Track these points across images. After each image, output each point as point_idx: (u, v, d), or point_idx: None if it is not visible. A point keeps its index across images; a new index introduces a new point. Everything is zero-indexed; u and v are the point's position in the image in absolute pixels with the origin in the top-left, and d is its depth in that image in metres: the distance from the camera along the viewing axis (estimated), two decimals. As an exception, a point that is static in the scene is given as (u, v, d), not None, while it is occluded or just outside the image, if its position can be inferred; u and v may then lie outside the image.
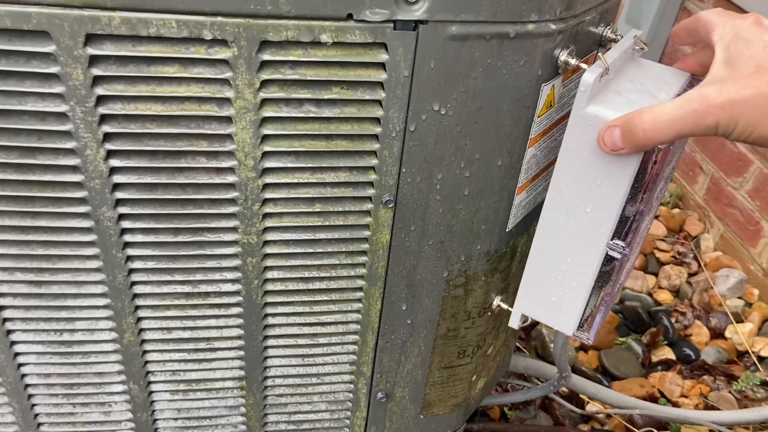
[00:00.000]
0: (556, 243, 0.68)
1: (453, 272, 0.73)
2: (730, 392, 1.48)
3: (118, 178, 0.58)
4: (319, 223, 0.65)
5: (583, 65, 0.61)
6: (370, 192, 0.64)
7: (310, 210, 0.64)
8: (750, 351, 1.58)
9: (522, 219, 0.75)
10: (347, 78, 0.56)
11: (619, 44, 0.65)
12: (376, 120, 0.59)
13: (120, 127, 0.55)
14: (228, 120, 0.56)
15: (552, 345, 1.54)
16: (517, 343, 1.57)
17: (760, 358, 1.57)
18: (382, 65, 0.56)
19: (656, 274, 1.83)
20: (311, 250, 0.66)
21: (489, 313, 0.80)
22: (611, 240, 0.65)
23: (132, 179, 0.58)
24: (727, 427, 1.28)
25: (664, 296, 1.76)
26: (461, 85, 0.59)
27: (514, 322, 0.76)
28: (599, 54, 0.60)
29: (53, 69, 0.51)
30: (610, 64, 0.61)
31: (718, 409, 1.43)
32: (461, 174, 0.65)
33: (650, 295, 1.77)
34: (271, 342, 0.73)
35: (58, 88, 0.52)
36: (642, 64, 0.69)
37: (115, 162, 0.57)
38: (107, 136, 0.55)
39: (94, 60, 0.51)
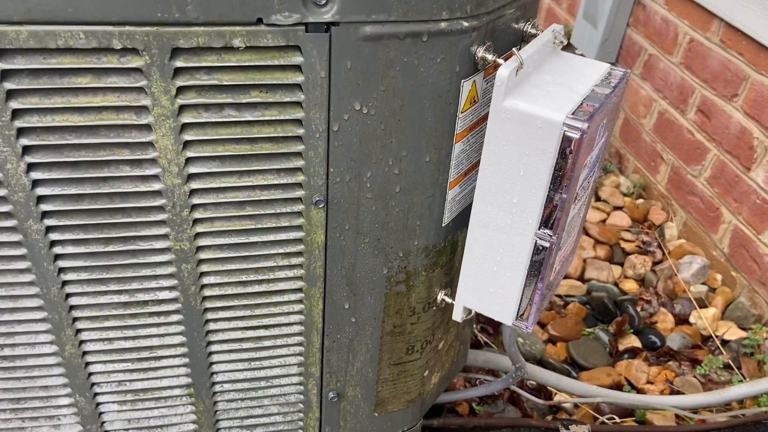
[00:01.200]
0: (488, 235, 0.70)
1: (393, 269, 0.74)
2: (694, 377, 1.51)
3: (41, 191, 0.58)
4: (252, 226, 0.65)
5: (500, 61, 0.63)
6: (300, 193, 0.65)
7: (241, 213, 0.64)
8: (714, 335, 1.61)
9: (459, 213, 0.76)
10: (264, 81, 0.57)
11: (537, 39, 0.67)
12: (298, 122, 0.60)
13: (38, 139, 0.55)
14: (147, 128, 0.57)
15: (520, 338, 1.56)
16: (485, 339, 1.59)
17: (724, 342, 1.60)
18: (297, 67, 0.57)
19: (622, 264, 1.85)
20: (246, 254, 0.67)
21: (434, 308, 0.81)
22: (539, 229, 0.67)
23: (56, 191, 0.58)
24: (690, 411, 1.30)
25: (630, 285, 1.78)
26: (380, 84, 0.60)
27: (457, 315, 0.78)
28: (514, 49, 0.62)
29: (-36, 85, 0.51)
30: (527, 58, 0.63)
31: (682, 393, 1.45)
32: (390, 171, 0.66)
33: (616, 285, 1.79)
34: (215, 347, 0.74)
35: (-29, 104, 0.52)
36: (563, 58, 0.71)
37: (36, 174, 0.57)
38: (26, 149, 0.56)
39: (5, 74, 0.52)
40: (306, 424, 0.84)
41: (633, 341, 1.62)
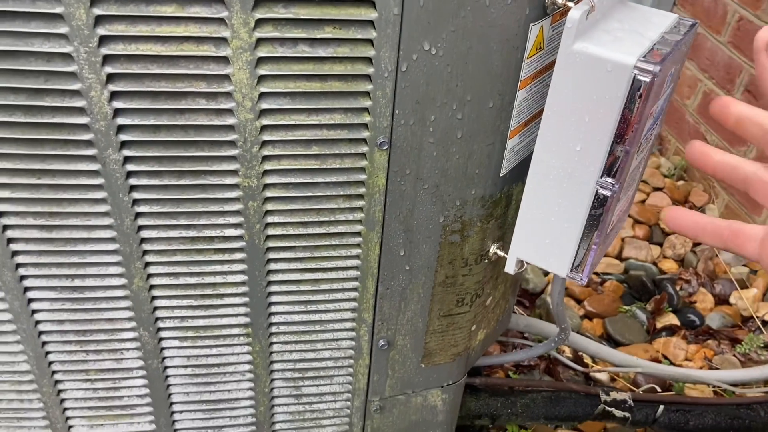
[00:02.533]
0: (547, 184, 0.70)
1: (449, 217, 0.75)
2: (734, 355, 1.49)
3: (122, 120, 0.60)
4: (317, 166, 0.67)
5: (570, 4, 0.63)
6: (365, 134, 0.66)
7: (308, 152, 0.66)
8: (754, 315, 1.59)
9: (517, 165, 0.77)
10: (339, 16, 0.58)
11: (605, -16, 0.67)
12: (368, 60, 0.61)
13: (122, 68, 0.57)
14: (225, 60, 0.59)
15: (556, 312, 1.56)
16: (521, 311, 1.59)
17: (764, 322, 1.58)
18: (372, 3, 0.58)
19: (661, 245, 1.83)
20: (310, 194, 0.69)
21: (486, 261, 0.82)
22: (601, 177, 0.67)
23: (136, 121, 0.60)
24: (730, 386, 1.29)
25: (669, 265, 1.77)
26: (450, 24, 0.61)
27: (510, 267, 0.78)
28: (585, -8, 0.62)
29: (58, 9, 0.53)
30: (597, 3, 0.63)
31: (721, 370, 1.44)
32: (454, 116, 0.67)
33: (655, 264, 1.78)
34: (274, 288, 0.76)
35: (62, 29, 0.54)
36: (631, 7, 0.70)
37: (118, 104, 0.59)
38: (110, 77, 0.58)
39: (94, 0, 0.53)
40: (356, 371, 0.86)
41: (671, 319, 1.61)
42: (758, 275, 1.71)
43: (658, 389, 1.33)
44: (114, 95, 0.59)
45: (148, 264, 0.71)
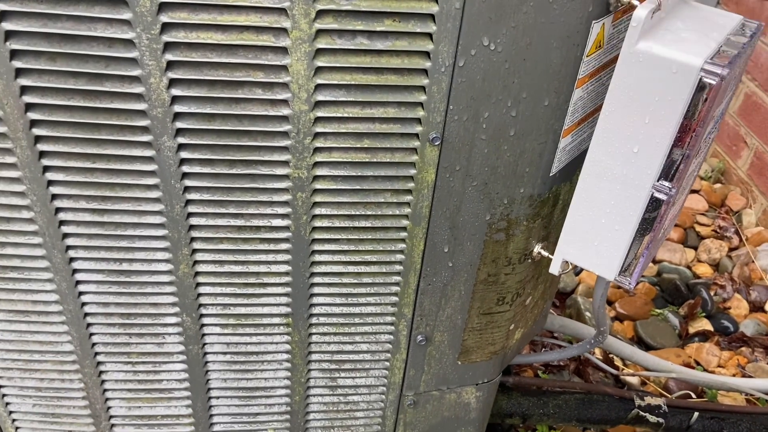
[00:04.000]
0: (601, 185, 0.69)
1: (495, 215, 0.74)
2: (767, 363, 1.47)
3: (179, 108, 0.60)
4: (367, 160, 0.66)
5: (635, 2, 0.61)
6: (418, 129, 0.65)
7: (359, 145, 0.65)
8: (791, 325, 1.55)
9: (566, 165, 0.75)
10: (399, 9, 0.57)
11: (671, -17, 0.65)
12: (426, 54, 0.60)
13: (182, 55, 0.57)
14: (284, 51, 0.58)
15: (587, 313, 1.54)
16: (552, 311, 1.58)
17: (802, 333, 1.55)
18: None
19: (695, 248, 1.80)
20: (358, 187, 0.68)
21: (529, 261, 0.81)
22: (657, 181, 0.66)
23: (192, 109, 0.60)
24: (765, 394, 1.27)
25: (703, 269, 1.74)
26: (511, 20, 0.60)
27: (555, 268, 0.77)
28: (652, -10, 0.60)
29: (122, -5, 0.53)
30: (662, 2, 0.61)
31: (753, 378, 1.42)
32: (507, 113, 0.66)
33: (689, 268, 1.75)
34: (317, 279, 0.76)
35: (126, 14, 0.54)
36: (693, 7, 0.68)
37: (176, 91, 0.59)
38: (170, 65, 0.58)
39: (159, -13, 0.53)
40: (392, 365, 0.86)
41: (704, 325, 1.58)
42: (796, 283, 1.67)
43: (693, 395, 1.31)
44: (172, 82, 0.59)
45: (195, 251, 0.71)
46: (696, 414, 1.10)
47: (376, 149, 0.66)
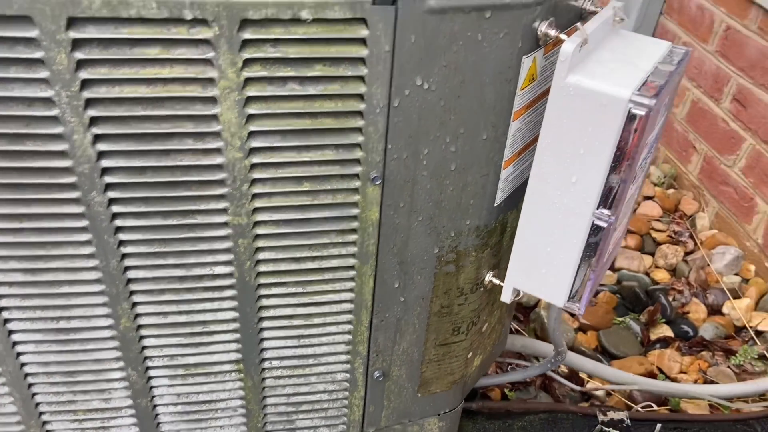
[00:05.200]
0: (543, 215, 0.69)
1: (444, 248, 0.74)
2: (728, 367, 1.49)
3: (106, 163, 0.58)
4: (309, 202, 0.65)
5: (563, 36, 0.62)
6: (357, 169, 0.64)
7: (299, 189, 0.64)
8: (747, 326, 1.59)
9: (510, 194, 0.76)
10: (329, 55, 0.57)
11: (598, 16, 0.66)
12: (360, 96, 0.60)
13: (106, 110, 0.56)
14: (213, 100, 0.57)
15: (550, 326, 1.55)
16: (515, 326, 1.59)
17: (758, 333, 1.58)
18: (362, 41, 0.57)
19: (653, 254, 1.83)
20: (302, 230, 0.67)
21: (482, 289, 0.81)
22: (597, 209, 0.66)
23: (121, 163, 0.59)
24: (726, 400, 1.29)
25: (661, 275, 1.77)
26: (443, 59, 0.60)
27: (506, 297, 0.77)
28: (578, 24, 0.61)
29: (37, 54, 0.51)
30: (590, 35, 0.62)
31: (716, 383, 1.44)
32: (447, 149, 0.66)
33: (647, 274, 1.78)
34: (266, 324, 0.74)
35: (42, 73, 0.52)
36: (622, 35, 0.70)
37: (102, 146, 0.57)
38: (94, 120, 0.56)
39: (77, 44, 0.52)
40: (351, 403, 0.84)
41: (665, 331, 1.61)
42: (750, 284, 1.71)
43: (654, 406, 1.33)
44: (98, 138, 0.57)
45: (135, 304, 0.69)
46: (659, 425, 1.11)
47: (317, 192, 0.65)
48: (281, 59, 0.56)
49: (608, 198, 0.66)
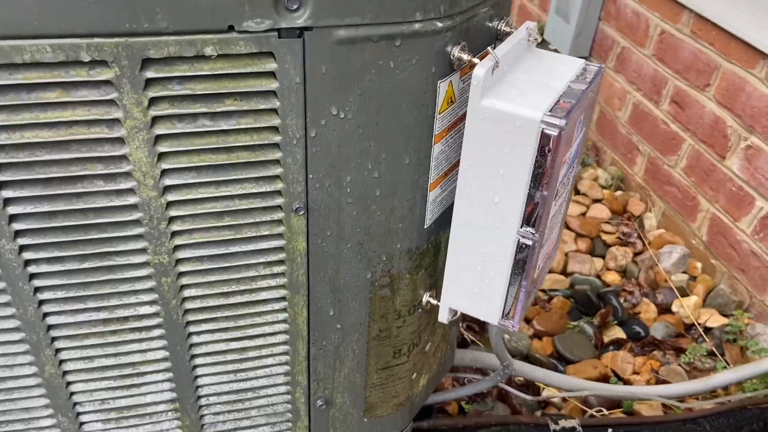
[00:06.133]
0: (470, 235, 0.70)
1: (376, 273, 0.73)
2: (679, 365, 1.52)
3: (13, 209, 0.56)
4: (232, 237, 0.64)
5: (476, 60, 0.62)
6: (279, 201, 0.64)
7: (220, 224, 0.63)
8: (696, 323, 1.63)
9: (441, 214, 0.76)
10: (238, 89, 0.56)
11: (511, 37, 0.67)
12: (275, 129, 0.59)
13: (8, 157, 0.54)
14: (120, 141, 0.56)
15: (506, 335, 1.56)
16: (471, 337, 1.59)
17: (707, 329, 1.62)
18: (272, 74, 0.56)
19: (603, 257, 1.87)
20: (227, 265, 0.66)
21: (420, 310, 0.81)
22: (521, 228, 0.67)
23: (28, 209, 0.57)
24: (677, 399, 1.31)
25: (612, 277, 1.80)
26: (357, 88, 0.60)
27: (443, 317, 0.77)
28: (489, 48, 0.61)
29: (-74, 103, 0.49)
30: (502, 57, 0.63)
31: (668, 382, 1.47)
32: (370, 175, 0.66)
33: (599, 277, 1.81)
34: (199, 360, 0.72)
35: (-66, 123, 0.50)
36: (538, 55, 0.71)
37: (7, 193, 0.56)
38: (-5, 167, 0.54)
39: (-31, 91, 0.50)
40: (295, 434, 0.83)
41: (617, 333, 1.63)
42: (698, 281, 1.75)
43: (605, 411, 1.35)
44: (2, 185, 0.55)
45: (58, 350, 0.67)
46: (610, 430, 1.13)
47: (240, 225, 0.64)
48: (189, 96, 0.55)
49: (531, 216, 0.66)
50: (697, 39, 1.76)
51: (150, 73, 0.53)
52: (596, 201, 2.05)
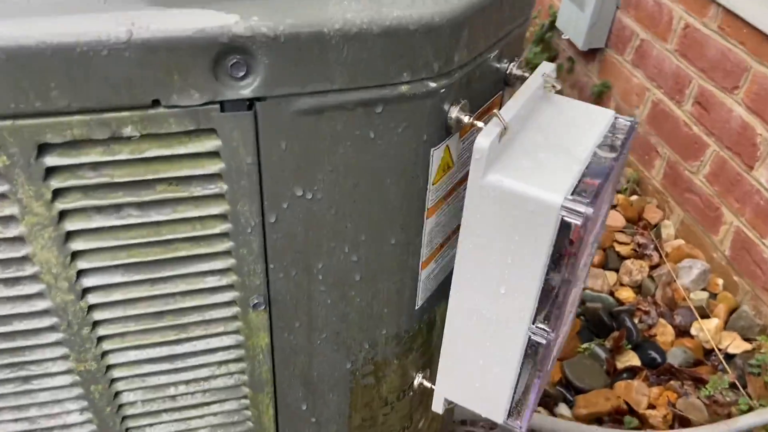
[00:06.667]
0: (471, 325, 0.57)
1: (358, 362, 0.62)
2: (698, 398, 1.41)
3: None
4: (175, 337, 0.52)
5: (479, 123, 0.49)
6: (233, 295, 0.52)
7: (160, 325, 0.51)
8: (717, 349, 1.51)
9: (437, 288, 0.63)
10: (172, 173, 0.43)
11: (524, 88, 0.53)
12: (222, 216, 0.47)
13: None
14: (20, 240, 0.43)
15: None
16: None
17: (728, 357, 1.50)
18: (215, 153, 0.44)
19: (617, 270, 1.74)
20: (173, 367, 0.54)
21: (411, 394, 0.69)
22: (533, 324, 0.54)
23: None
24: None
25: (626, 294, 1.68)
26: (327, 164, 0.47)
27: (438, 407, 0.66)
28: (495, 111, 0.48)
29: None
30: (512, 119, 0.50)
31: (685, 417, 1.36)
32: (347, 259, 0.53)
33: (612, 294, 1.68)
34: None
35: None
36: (556, 104, 0.57)
37: None
38: None
39: None
40: None
41: (632, 358, 1.52)
42: (719, 300, 1.63)
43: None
44: None
45: (-28, 466, 0.56)
46: (624, 489, 1.02)
47: (185, 325, 0.52)
48: (108, 184, 0.43)
49: (544, 310, 0.54)
50: (726, 36, 1.60)
51: (50, 161, 0.40)
52: (611, 207, 1.92)
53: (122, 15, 0.37)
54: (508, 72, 0.56)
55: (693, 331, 1.56)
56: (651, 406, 1.41)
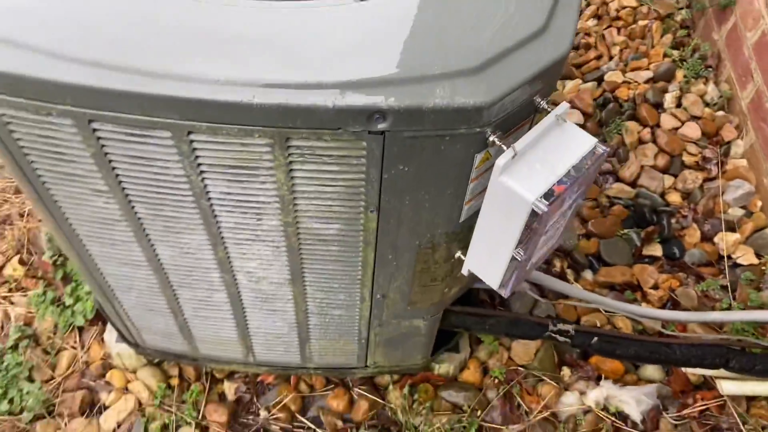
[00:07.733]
0: (486, 238, 1.04)
1: (422, 242, 1.11)
2: (694, 290, 1.82)
3: (210, 194, 0.99)
4: (336, 216, 1.04)
5: (504, 147, 0.90)
6: (362, 204, 1.01)
7: (329, 211, 1.02)
8: (726, 258, 1.86)
9: (474, 213, 1.09)
10: (346, 153, 0.90)
11: (538, 125, 0.92)
12: (364, 172, 0.94)
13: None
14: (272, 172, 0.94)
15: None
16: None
17: (736, 264, 1.86)
18: (363, 149, 0.90)
19: (676, 176, 2.04)
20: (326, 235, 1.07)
21: (452, 260, 1.19)
22: (515, 249, 1.00)
23: (218, 195, 0.99)
24: (675, 323, 1.65)
25: (674, 198, 2.01)
26: (416, 159, 0.92)
27: (464, 272, 1.16)
28: (513, 145, 0.89)
29: None
30: (523, 147, 0.90)
31: (678, 302, 1.79)
32: (422, 198, 1.00)
33: (662, 195, 2.02)
34: (306, 266, 1.18)
35: None
36: (561, 128, 0.95)
37: (208, 187, 0.97)
38: None
39: None
40: (362, 308, 1.31)
41: (656, 249, 1.91)
42: (752, 218, 1.93)
43: (598, 323, 1.72)
44: (205, 184, 0.97)
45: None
46: (596, 338, 1.52)
47: (340, 212, 1.03)
48: (317, 154, 0.91)
49: (522, 243, 0.99)
50: None
51: (295, 142, 0.88)
52: (695, 118, 2.14)
53: (330, 92, 0.82)
54: (538, 104, 0.95)
55: (716, 240, 1.91)
56: (655, 287, 1.84)
